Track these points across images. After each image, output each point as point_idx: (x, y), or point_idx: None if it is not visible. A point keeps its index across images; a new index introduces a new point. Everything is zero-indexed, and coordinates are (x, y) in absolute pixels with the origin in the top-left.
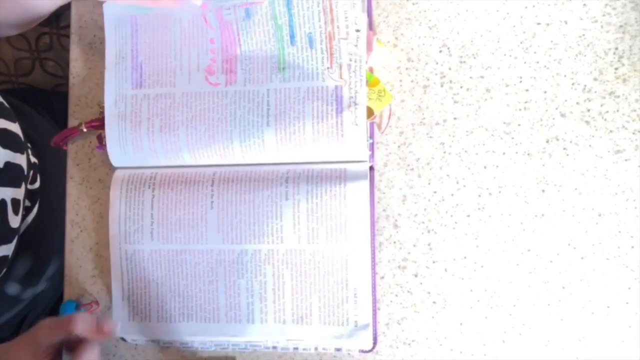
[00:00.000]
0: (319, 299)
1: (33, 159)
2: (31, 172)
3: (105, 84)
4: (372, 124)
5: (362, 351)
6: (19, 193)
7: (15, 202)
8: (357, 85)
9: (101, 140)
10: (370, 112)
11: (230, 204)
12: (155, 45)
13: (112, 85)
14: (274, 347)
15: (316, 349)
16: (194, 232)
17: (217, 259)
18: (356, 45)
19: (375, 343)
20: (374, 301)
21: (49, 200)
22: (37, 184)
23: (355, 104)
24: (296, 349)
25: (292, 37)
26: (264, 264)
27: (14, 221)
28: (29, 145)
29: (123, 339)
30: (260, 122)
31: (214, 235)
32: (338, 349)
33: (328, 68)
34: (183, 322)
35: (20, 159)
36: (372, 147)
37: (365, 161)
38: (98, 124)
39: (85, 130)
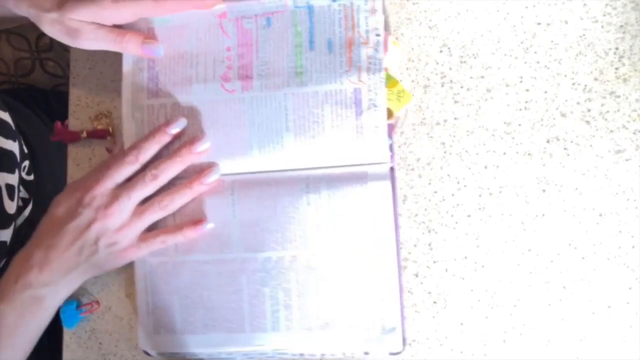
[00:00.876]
0: (345, 304)
1: (26, 150)
2: (26, 162)
3: (122, 94)
4: (390, 124)
5: (392, 353)
6: (13, 179)
7: (9, 188)
8: (377, 87)
9: (110, 152)
10: (389, 113)
11: (251, 212)
12: (172, 56)
13: (129, 95)
14: (301, 354)
15: (344, 354)
16: (217, 242)
17: (240, 267)
18: (376, 49)
19: (404, 345)
20: (402, 302)
21: (44, 196)
22: (32, 176)
23: (375, 106)
24: (323, 355)
25: (311, 42)
26: (287, 270)
27: (10, 207)
28: (21, 137)
29: (147, 353)
30: (279, 128)
31: (237, 243)
32: (366, 353)
33: (346, 71)
34: (208, 334)
35: (12, 146)
36: (391, 147)
37: (386, 162)
38: (101, 133)
39: (85, 137)
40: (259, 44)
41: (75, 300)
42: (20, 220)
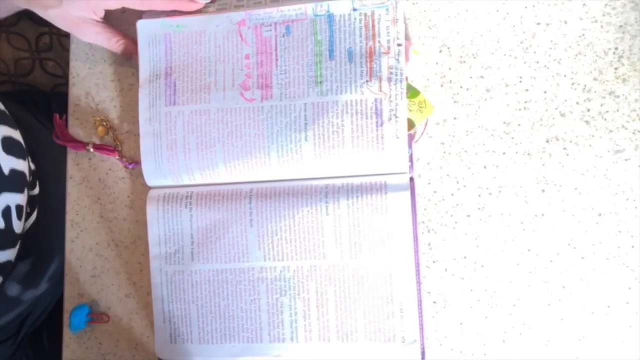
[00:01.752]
0: (364, 315)
1: (32, 165)
2: (31, 178)
3: (140, 101)
4: (409, 134)
5: None
6: (22, 199)
7: (19, 208)
8: (398, 98)
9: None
10: (410, 124)
11: (269, 221)
12: (189, 63)
13: (146, 103)
14: None
15: None
16: (235, 251)
17: (258, 277)
18: (397, 59)
19: (423, 358)
20: (421, 315)
21: (47, 204)
22: (36, 190)
23: (396, 117)
24: None
25: (331, 52)
26: (306, 280)
27: (18, 227)
28: (28, 153)
29: None
30: (298, 137)
31: (254, 252)
32: None
33: (367, 81)
34: (225, 344)
35: (23, 166)
36: (411, 157)
37: (406, 173)
38: (108, 150)
39: (91, 151)
40: (278, 53)
41: (87, 306)
42: (23, 231)
